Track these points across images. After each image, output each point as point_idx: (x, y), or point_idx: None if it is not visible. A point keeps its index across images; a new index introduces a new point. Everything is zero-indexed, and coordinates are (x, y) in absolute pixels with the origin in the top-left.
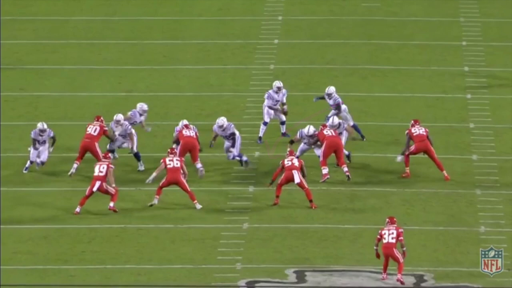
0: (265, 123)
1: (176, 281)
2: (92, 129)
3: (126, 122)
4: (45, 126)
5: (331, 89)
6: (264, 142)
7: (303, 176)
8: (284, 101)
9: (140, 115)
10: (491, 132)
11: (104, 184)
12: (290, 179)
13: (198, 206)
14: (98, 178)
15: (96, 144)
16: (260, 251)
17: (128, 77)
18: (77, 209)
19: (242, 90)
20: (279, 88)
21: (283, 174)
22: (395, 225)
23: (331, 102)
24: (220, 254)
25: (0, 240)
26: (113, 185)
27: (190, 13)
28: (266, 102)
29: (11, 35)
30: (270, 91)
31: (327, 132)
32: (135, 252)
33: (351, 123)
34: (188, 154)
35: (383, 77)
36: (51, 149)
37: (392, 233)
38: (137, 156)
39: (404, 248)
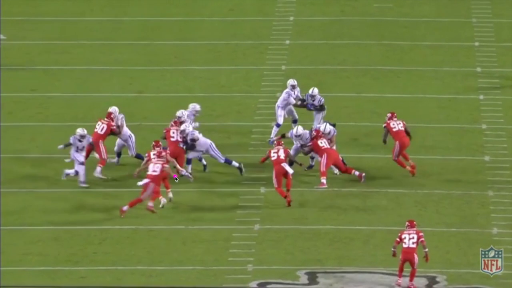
0: (278, 125)
1: (187, 283)
2: (100, 127)
3: (126, 129)
4: (85, 132)
5: (315, 90)
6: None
7: (291, 162)
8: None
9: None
10: (504, 133)
11: (155, 185)
12: (283, 173)
13: (164, 201)
14: (151, 177)
15: (101, 142)
16: (272, 252)
17: (139, 78)
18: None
19: (253, 91)
20: (293, 86)
21: (274, 172)
22: (415, 229)
23: (315, 103)
24: (231, 256)
25: (0, 242)
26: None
27: (201, 14)
28: (290, 100)
29: (22, 35)
30: (288, 90)
31: (322, 143)
32: (146, 254)
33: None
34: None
35: (395, 78)
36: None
37: (413, 238)
38: (139, 157)
39: (426, 250)
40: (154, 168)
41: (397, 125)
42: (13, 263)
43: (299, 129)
